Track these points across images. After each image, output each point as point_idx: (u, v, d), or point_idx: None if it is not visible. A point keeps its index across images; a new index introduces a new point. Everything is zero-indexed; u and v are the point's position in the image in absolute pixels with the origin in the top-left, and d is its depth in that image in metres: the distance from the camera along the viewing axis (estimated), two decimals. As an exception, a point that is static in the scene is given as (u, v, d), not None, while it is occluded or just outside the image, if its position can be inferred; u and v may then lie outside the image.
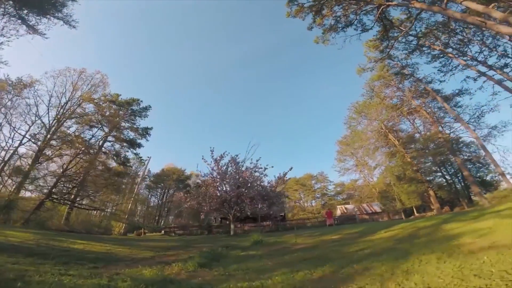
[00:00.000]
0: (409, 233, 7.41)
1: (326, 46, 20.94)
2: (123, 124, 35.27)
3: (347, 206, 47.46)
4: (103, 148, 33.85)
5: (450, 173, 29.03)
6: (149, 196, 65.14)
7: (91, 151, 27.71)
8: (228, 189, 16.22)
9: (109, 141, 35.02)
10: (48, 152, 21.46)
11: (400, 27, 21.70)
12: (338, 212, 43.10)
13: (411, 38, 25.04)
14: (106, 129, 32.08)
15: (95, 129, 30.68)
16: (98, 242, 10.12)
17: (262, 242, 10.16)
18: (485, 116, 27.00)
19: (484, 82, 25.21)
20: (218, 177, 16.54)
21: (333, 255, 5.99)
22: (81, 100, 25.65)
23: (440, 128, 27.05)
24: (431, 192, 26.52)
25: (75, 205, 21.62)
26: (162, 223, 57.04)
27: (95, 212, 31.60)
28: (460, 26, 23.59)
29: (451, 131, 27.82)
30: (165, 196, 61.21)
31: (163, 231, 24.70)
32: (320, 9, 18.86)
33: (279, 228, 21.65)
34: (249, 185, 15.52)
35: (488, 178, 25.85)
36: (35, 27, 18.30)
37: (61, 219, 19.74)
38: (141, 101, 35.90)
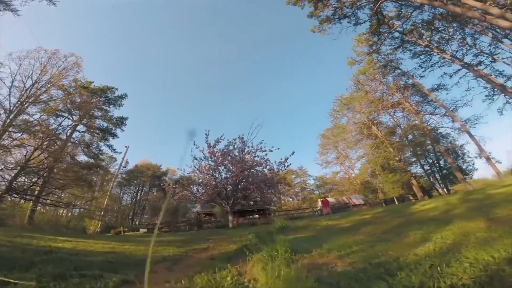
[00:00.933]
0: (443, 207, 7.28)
1: (322, 36, 20.84)
2: (96, 113, 31.79)
3: (327, 199, 48.35)
4: (72, 139, 30.09)
5: (429, 163, 30.64)
6: (121, 193, 60.49)
7: (58, 142, 24.16)
8: (225, 175, 14.86)
9: (79, 131, 31.35)
10: (5, 141, 18.03)
11: (389, 23, 22.34)
12: (319, 205, 43.60)
13: (396, 34, 25.76)
14: (76, 118, 28.51)
15: (63, 117, 27.08)
16: (87, 240, 8.17)
17: (288, 227, 9.26)
18: (458, 110, 29.00)
19: (460, 78, 26.77)
20: (213, 164, 15.02)
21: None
22: (49, 84, 22.11)
23: (420, 120, 28.18)
24: (413, 181, 27.65)
25: (40, 201, 18.44)
26: (137, 222, 53.11)
27: (63, 210, 27.84)
28: (443, 25, 24.73)
29: (429, 123, 29.30)
30: (139, 193, 57.05)
31: (145, 229, 22.37)
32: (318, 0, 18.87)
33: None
34: (254, 170, 14.23)
35: (464, 166, 27.67)
36: (7, 2, 15.47)
37: (24, 218, 16.61)
38: (116, 89, 32.67)
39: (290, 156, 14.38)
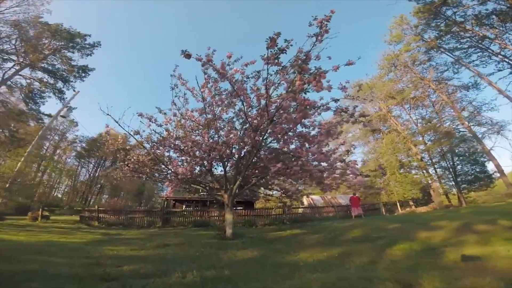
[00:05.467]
0: None
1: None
2: (54, 61, 22.57)
3: (313, 197, 42.57)
4: (9, 82, 20.67)
5: (442, 166, 25.64)
6: (79, 167, 49.40)
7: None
8: (225, 130, 7.34)
9: (22, 75, 21.97)
10: None
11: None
12: (305, 203, 37.55)
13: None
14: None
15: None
16: None
17: None
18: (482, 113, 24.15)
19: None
20: (209, 108, 7.31)
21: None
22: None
23: (460, 116, 22.61)
24: (434, 185, 22.43)
25: None
26: (92, 202, 42.97)
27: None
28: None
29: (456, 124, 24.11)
30: (99, 169, 46.58)
31: (79, 216, 13.89)
32: None
33: (283, 221, 13.10)
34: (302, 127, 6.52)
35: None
36: None
37: None
38: (89, 35, 23.28)
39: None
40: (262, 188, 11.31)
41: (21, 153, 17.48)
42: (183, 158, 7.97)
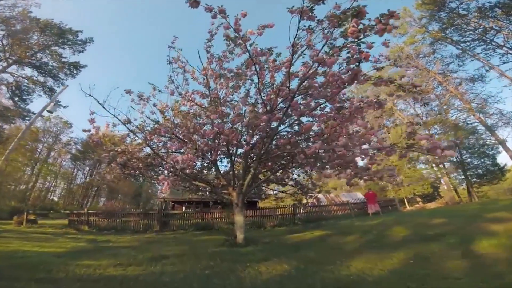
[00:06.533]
0: None
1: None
2: (44, 57, 21.25)
3: (318, 196, 41.39)
4: None
5: (456, 160, 24.50)
6: (75, 170, 47.70)
7: None
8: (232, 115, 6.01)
9: (9, 73, 20.68)
10: None
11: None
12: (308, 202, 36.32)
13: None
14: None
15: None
16: None
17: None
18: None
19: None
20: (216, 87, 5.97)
21: None
22: None
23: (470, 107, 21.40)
24: (446, 179, 21.26)
25: None
26: (89, 205, 41.23)
27: None
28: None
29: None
30: (95, 171, 44.83)
31: (68, 220, 12.42)
32: None
33: (294, 221, 11.69)
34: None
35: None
36: None
37: None
38: (81, 31, 21.93)
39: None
40: (268, 186, 10.05)
41: (2, 153, 15.96)
42: (182, 150, 6.62)
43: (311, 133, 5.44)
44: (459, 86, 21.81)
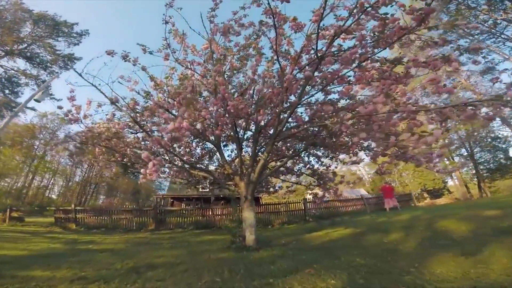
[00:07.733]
0: None
1: None
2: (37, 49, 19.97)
3: (319, 192, 40.24)
4: None
5: (467, 154, 23.31)
6: (73, 167, 46.31)
7: None
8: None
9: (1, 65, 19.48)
10: None
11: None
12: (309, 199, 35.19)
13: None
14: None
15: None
16: None
17: None
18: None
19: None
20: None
21: None
22: None
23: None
24: (457, 174, 20.10)
25: None
26: (87, 203, 40.01)
27: None
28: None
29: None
30: (94, 168, 43.46)
31: (54, 217, 11.16)
32: None
33: (305, 217, 10.42)
34: None
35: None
36: None
37: None
38: (76, 24, 20.66)
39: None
40: (279, 177, 8.80)
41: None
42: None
43: (345, 101, 4.18)
44: (467, 79, 20.61)
